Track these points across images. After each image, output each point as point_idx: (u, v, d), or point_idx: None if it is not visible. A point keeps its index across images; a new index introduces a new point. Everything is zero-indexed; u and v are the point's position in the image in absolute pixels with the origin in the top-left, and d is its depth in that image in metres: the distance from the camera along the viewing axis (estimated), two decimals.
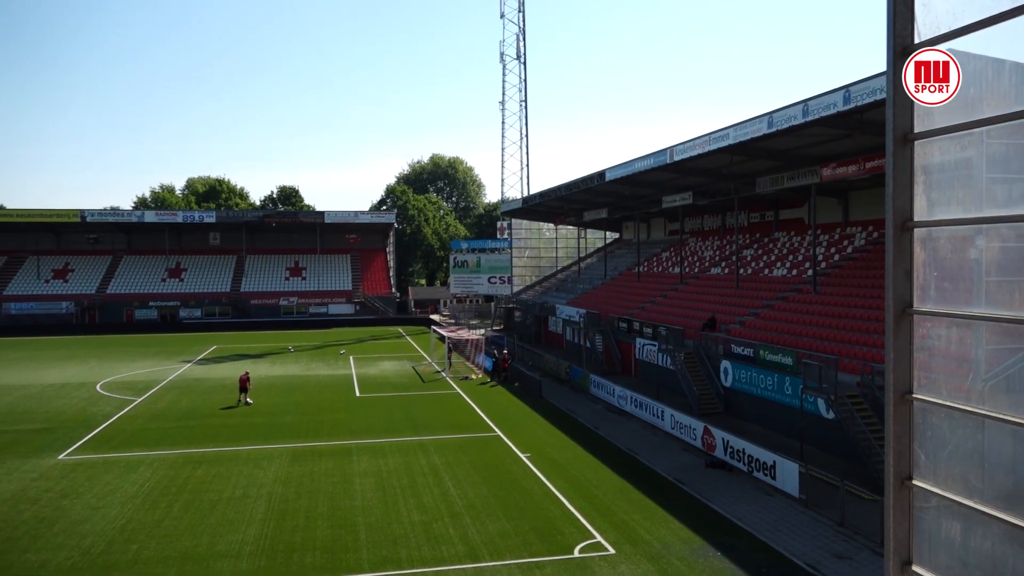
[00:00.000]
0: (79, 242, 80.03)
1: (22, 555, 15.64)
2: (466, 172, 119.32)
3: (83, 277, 76.16)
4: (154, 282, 76.60)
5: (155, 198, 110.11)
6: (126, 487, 20.32)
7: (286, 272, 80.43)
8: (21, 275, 75.31)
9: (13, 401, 33.26)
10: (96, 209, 78.51)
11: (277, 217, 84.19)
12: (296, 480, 20.88)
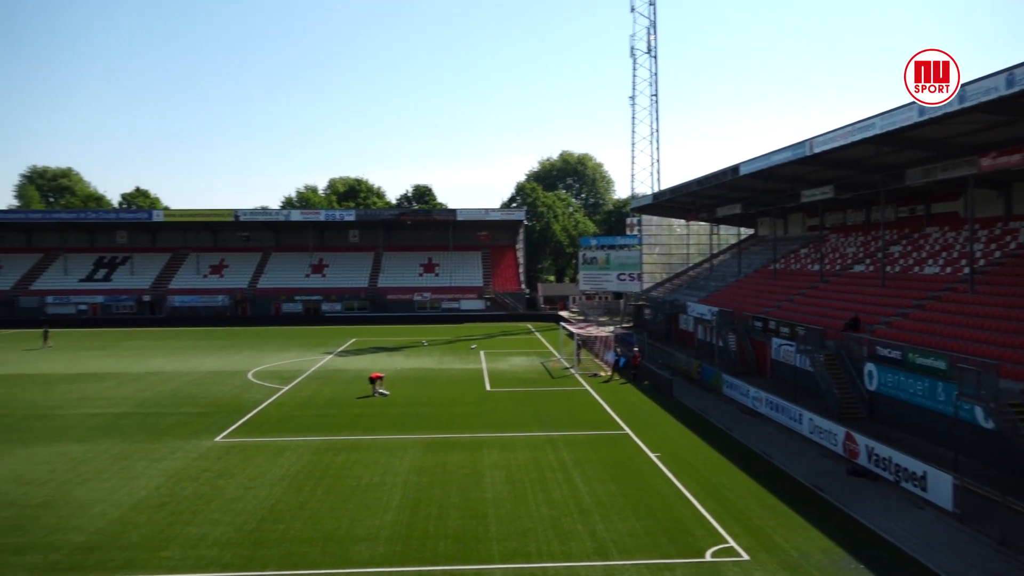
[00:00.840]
0: (233, 240, 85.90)
1: (184, 528, 16.99)
2: (595, 168, 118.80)
3: (237, 272, 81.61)
4: (299, 277, 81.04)
5: (300, 198, 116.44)
6: (274, 470, 21.63)
7: (420, 268, 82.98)
8: (183, 271, 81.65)
9: (177, 387, 36.15)
10: (248, 209, 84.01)
11: (412, 215, 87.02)
12: (429, 470, 21.54)
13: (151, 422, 28.21)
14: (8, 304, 75.39)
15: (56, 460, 22.86)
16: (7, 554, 15.59)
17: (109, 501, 18.92)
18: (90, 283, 78.99)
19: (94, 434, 26.30)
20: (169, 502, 18.82)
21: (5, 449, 24.23)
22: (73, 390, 35.33)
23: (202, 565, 14.92)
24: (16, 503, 18.86)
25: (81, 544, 16.10)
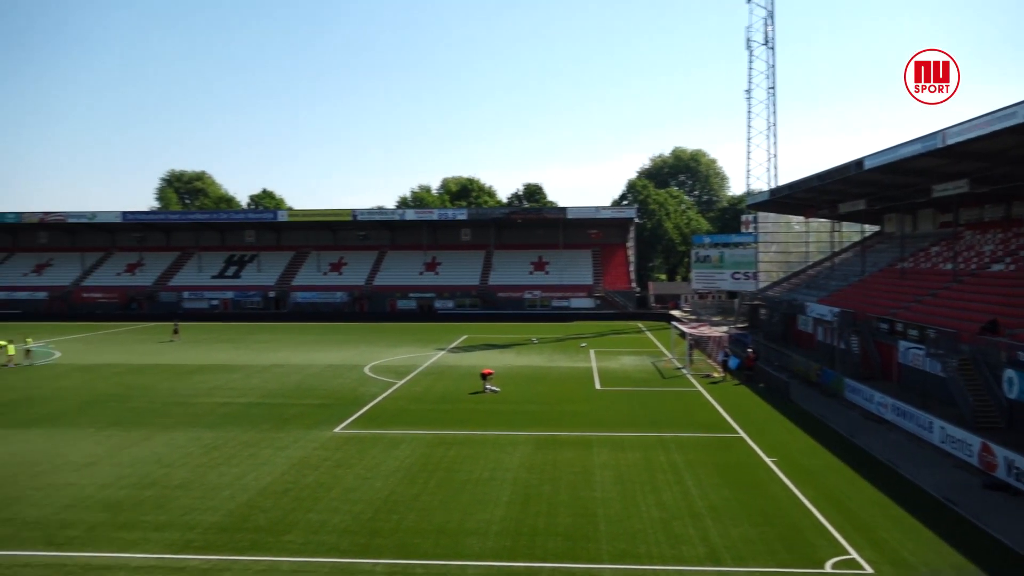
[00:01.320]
0: (351, 239, 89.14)
1: (306, 514, 17.82)
2: (709, 165, 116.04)
3: (355, 270, 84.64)
4: (413, 275, 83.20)
5: (415, 198, 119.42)
6: (389, 462, 22.34)
7: (530, 266, 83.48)
8: (305, 268, 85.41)
9: (300, 379, 37.90)
10: (365, 209, 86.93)
11: (523, 214, 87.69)
12: (539, 467, 21.68)
13: (276, 412, 29.70)
14: (150, 299, 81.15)
15: (192, 445, 24.45)
16: (150, 530, 16.81)
17: (238, 485, 20.08)
18: (221, 279, 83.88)
19: (225, 422, 27.95)
20: (292, 489, 19.77)
21: (149, 433, 26.12)
22: (206, 380, 37.64)
23: (322, 550, 15.60)
24: (158, 483, 20.31)
25: (214, 524, 17.16)
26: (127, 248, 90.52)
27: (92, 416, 29.06)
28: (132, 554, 15.51)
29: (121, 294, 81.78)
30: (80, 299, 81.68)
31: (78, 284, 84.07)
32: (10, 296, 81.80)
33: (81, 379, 38.23)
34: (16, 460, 22.70)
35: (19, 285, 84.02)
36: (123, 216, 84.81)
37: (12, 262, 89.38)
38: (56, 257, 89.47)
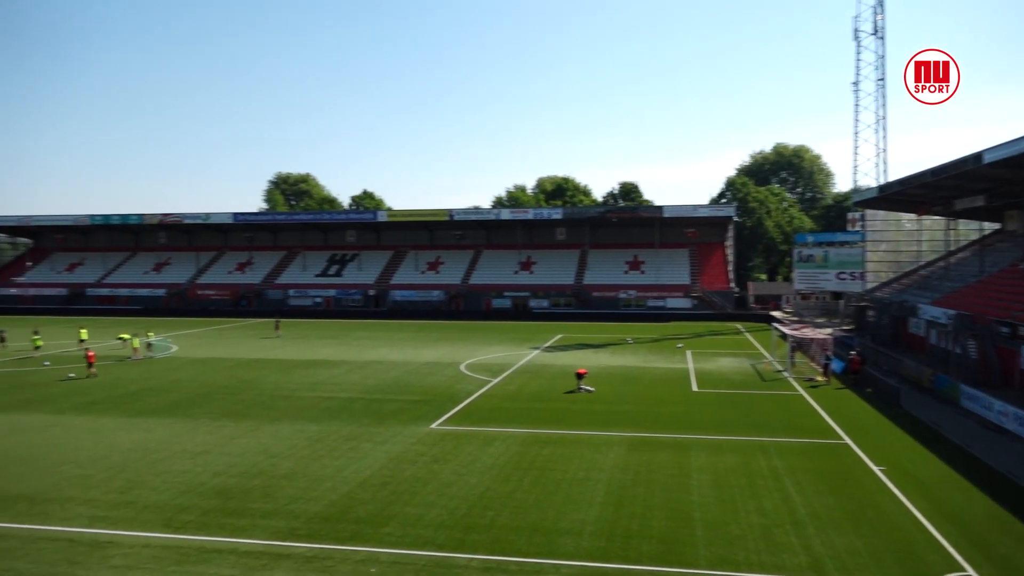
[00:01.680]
0: (448, 238, 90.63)
1: (404, 507, 18.23)
2: (812, 161, 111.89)
3: (451, 269, 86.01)
4: (508, 274, 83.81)
5: (510, 197, 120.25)
6: (484, 458, 22.58)
7: (625, 266, 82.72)
8: (403, 267, 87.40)
9: (399, 375, 38.82)
10: (461, 208, 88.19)
11: (618, 212, 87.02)
12: (633, 468, 21.45)
13: (375, 407, 30.52)
14: (258, 296, 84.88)
15: (296, 437, 25.42)
16: (257, 517, 17.59)
17: (339, 477, 20.74)
18: (324, 278, 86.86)
19: (327, 415, 28.93)
20: (390, 482, 20.27)
21: (256, 425, 27.33)
22: (310, 375, 39.06)
23: (419, 543, 15.93)
24: (264, 473, 21.23)
25: (316, 514, 17.79)
26: (238, 248, 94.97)
27: (205, 407, 30.64)
28: (241, 539, 16.26)
29: (232, 291, 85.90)
30: (195, 296, 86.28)
31: (193, 282, 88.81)
32: (133, 293, 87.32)
33: (195, 372, 40.37)
34: (138, 447, 24.18)
35: (140, 283, 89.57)
36: (234, 217, 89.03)
37: (134, 261, 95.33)
38: (174, 256, 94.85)
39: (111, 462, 22.38)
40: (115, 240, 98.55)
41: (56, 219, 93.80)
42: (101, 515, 17.82)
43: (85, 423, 27.80)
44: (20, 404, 31.45)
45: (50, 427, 27.15)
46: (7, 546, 15.98)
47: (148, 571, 14.70)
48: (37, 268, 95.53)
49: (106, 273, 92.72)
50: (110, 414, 29.38)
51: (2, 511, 18.16)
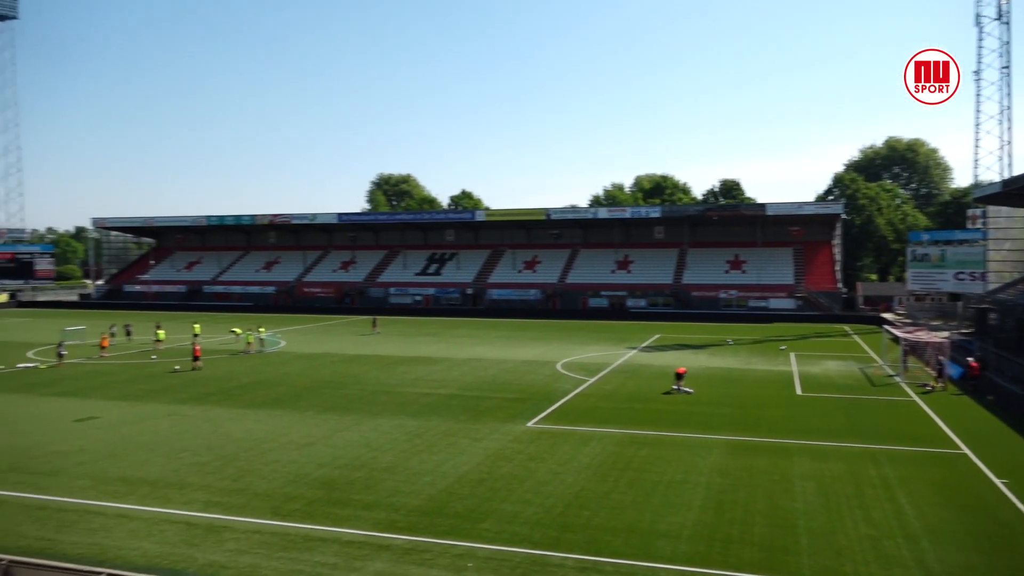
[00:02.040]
0: (545, 237, 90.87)
1: (500, 504, 18.41)
2: (928, 155, 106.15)
3: (548, 268, 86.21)
4: (605, 273, 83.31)
5: (607, 196, 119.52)
6: (580, 458, 22.53)
7: (726, 265, 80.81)
8: (500, 266, 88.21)
9: (496, 373, 39.23)
10: (558, 208, 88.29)
11: (718, 211, 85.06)
12: (733, 472, 20.93)
13: (473, 404, 30.94)
14: (360, 294, 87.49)
15: (396, 431, 26.08)
16: (359, 508, 18.15)
17: (438, 472, 21.14)
18: (424, 276, 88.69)
19: (426, 411, 29.53)
20: (487, 479, 20.51)
21: (359, 419, 28.20)
22: (410, 371, 39.97)
23: (515, 540, 16.04)
24: (366, 465, 21.87)
25: (416, 508, 18.20)
26: (342, 247, 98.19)
27: (311, 400, 31.84)
28: (344, 529, 16.82)
29: (336, 289, 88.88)
30: (302, 293, 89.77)
31: (300, 279, 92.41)
32: (245, 290, 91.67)
33: (302, 366, 42.00)
34: (250, 437, 25.37)
35: (252, 280, 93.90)
36: (339, 217, 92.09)
37: (247, 260, 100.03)
38: (283, 255, 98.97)
39: (225, 451, 23.58)
40: (229, 240, 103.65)
41: (176, 220, 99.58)
42: (215, 501, 18.81)
43: (201, 413, 29.40)
44: (144, 394, 33.54)
45: (170, 416, 28.85)
46: (134, 527, 17.09)
47: (257, 556, 15.40)
48: (159, 266, 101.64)
49: (221, 271, 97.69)
50: (224, 405, 30.96)
51: (129, 493, 19.44)
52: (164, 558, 15.22)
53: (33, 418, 28.63)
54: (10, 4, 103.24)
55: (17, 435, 25.81)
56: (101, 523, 17.30)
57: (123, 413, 29.43)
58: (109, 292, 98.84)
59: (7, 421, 28.16)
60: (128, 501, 18.81)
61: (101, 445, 24.38)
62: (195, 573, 14.28)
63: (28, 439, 25.20)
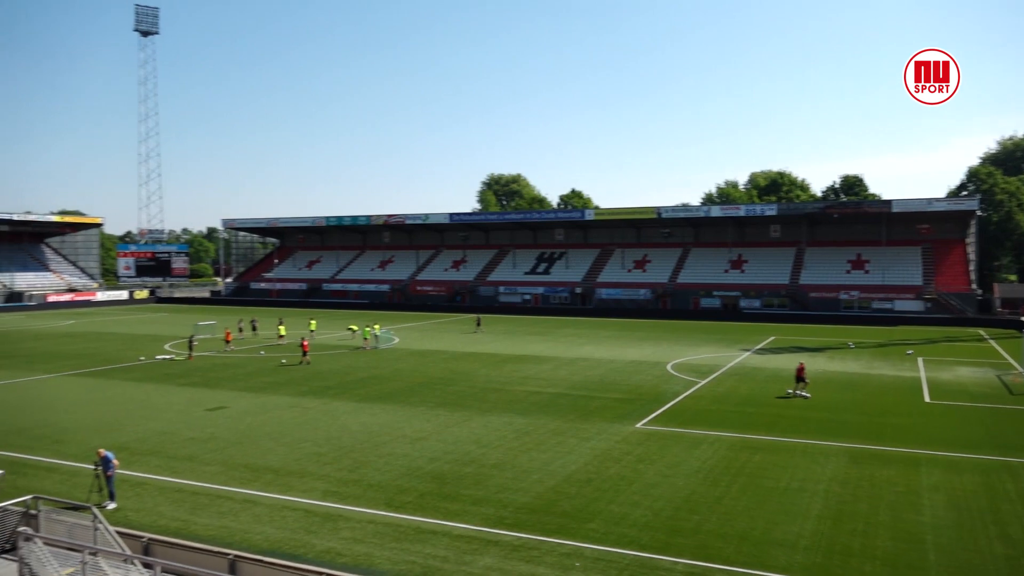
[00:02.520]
0: (655, 236, 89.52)
1: (608, 505, 18.31)
2: None
3: (658, 267, 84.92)
4: (717, 273, 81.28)
5: (720, 193, 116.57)
6: (690, 461, 22.10)
7: (847, 265, 77.24)
8: (609, 265, 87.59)
9: (604, 373, 39.01)
10: (669, 206, 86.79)
11: (839, 208, 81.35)
12: (854, 482, 19.99)
13: (580, 404, 30.89)
14: (471, 292, 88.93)
15: (505, 429, 26.37)
16: (469, 503, 18.48)
17: (545, 471, 21.24)
18: (533, 275, 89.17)
19: (534, 409, 29.71)
20: (595, 479, 20.43)
21: (469, 415, 28.70)
22: (518, 369, 40.31)
23: (623, 542, 15.92)
24: (476, 461, 22.24)
25: (523, 505, 18.36)
26: (453, 246, 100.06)
27: (423, 396, 32.64)
28: (454, 523, 17.17)
29: (447, 287, 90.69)
30: (415, 291, 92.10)
31: (413, 278, 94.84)
32: (361, 288, 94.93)
33: (415, 363, 43.11)
34: (365, 430, 26.29)
35: (367, 279, 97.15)
36: (450, 217, 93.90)
37: (363, 259, 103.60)
38: (396, 254, 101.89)
39: (342, 442, 24.53)
40: (347, 239, 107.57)
41: (298, 221, 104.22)
42: (333, 490, 19.60)
43: (320, 405, 30.69)
44: (268, 386, 35.32)
45: (292, 407, 30.27)
46: (258, 512, 18.05)
47: (371, 545, 15.95)
48: (282, 265, 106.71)
49: (339, 269, 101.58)
50: (341, 398, 32.20)
51: (254, 479, 20.54)
52: (285, 543, 16.00)
53: (170, 406, 30.71)
54: (152, 21, 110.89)
55: (157, 421, 27.76)
56: (229, 507, 18.37)
57: (249, 404, 31.12)
58: (237, 289, 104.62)
59: (149, 408, 30.33)
60: (253, 487, 19.88)
61: (229, 433, 25.88)
62: (313, 559, 14.92)
63: (166, 425, 27.07)
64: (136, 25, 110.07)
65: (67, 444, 24.47)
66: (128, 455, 22.34)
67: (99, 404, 31.39)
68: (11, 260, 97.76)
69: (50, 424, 27.42)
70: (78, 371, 40.40)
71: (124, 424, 27.40)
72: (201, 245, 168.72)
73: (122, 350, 49.00)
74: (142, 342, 53.49)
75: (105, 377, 38.52)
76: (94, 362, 43.69)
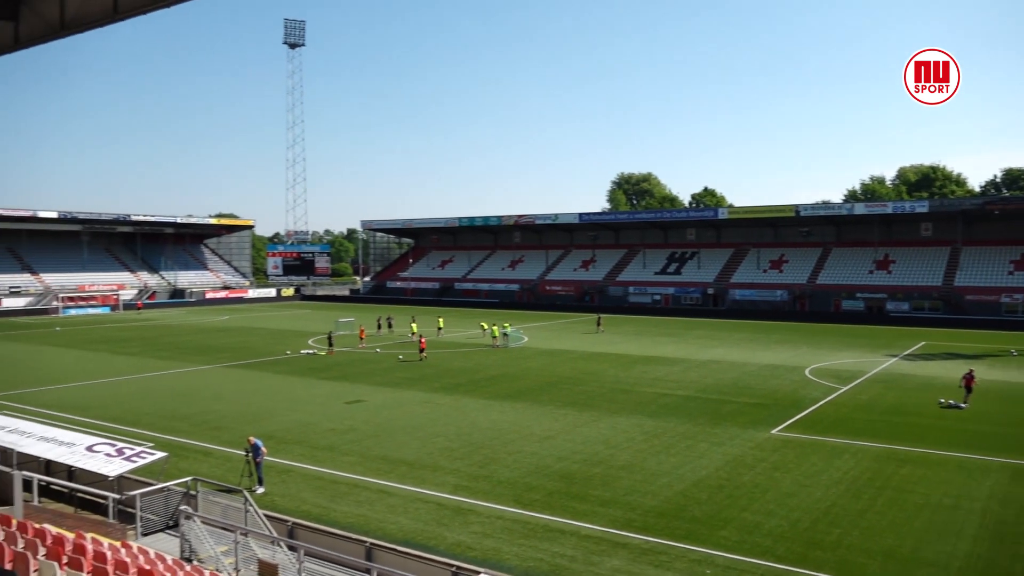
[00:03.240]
0: (793, 235, 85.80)
1: (741, 512, 17.75)
2: None
3: (796, 268, 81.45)
4: (861, 273, 77.01)
5: (864, 190, 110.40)
6: (830, 471, 21.06)
7: (1010, 266, 71.19)
8: (744, 266, 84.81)
9: (736, 376, 37.83)
10: (808, 204, 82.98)
11: (1001, 203, 75.04)
12: (1018, 501, 18.40)
13: (712, 407, 30.09)
14: (600, 292, 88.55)
15: (634, 430, 26.09)
16: (596, 504, 18.43)
17: (674, 474, 20.85)
18: (663, 276, 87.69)
19: (664, 412, 29.22)
20: (727, 485, 19.86)
21: (597, 416, 28.60)
22: (647, 371, 39.76)
23: (756, 552, 15.39)
24: (604, 462, 22.14)
25: (652, 508, 18.10)
26: (582, 246, 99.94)
27: (552, 395, 32.81)
28: (582, 523, 17.17)
29: (576, 287, 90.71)
30: (544, 291, 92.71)
31: (542, 278, 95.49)
32: (491, 287, 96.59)
33: (544, 362, 43.41)
34: (494, 427, 26.74)
35: (498, 278, 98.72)
36: (579, 217, 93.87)
37: (493, 259, 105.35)
38: (526, 254, 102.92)
39: (472, 438, 25.06)
40: (478, 239, 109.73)
41: (432, 222, 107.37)
42: (463, 485, 20.07)
43: (452, 402, 31.48)
44: (402, 381, 36.59)
45: (425, 403, 31.23)
46: (393, 502, 18.76)
47: (500, 540, 16.21)
48: (417, 264, 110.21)
49: (470, 269, 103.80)
50: (472, 395, 32.89)
51: (390, 471, 21.36)
52: (418, 534, 16.54)
53: (312, 399, 32.42)
54: (299, 34, 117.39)
55: (301, 412, 29.39)
56: (366, 496, 19.20)
57: (385, 398, 32.37)
58: (375, 288, 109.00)
59: (293, 400, 32.16)
60: (388, 479, 20.67)
61: (366, 426, 27.03)
62: (444, 551, 15.33)
63: (310, 416, 28.61)
64: (285, 38, 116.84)
65: (222, 431, 26.33)
66: (275, 443, 23.76)
67: (249, 395, 33.57)
68: (175, 260, 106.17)
69: (208, 412, 29.60)
70: (231, 363, 43.37)
71: (271, 414, 29.19)
72: (342, 245, 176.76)
73: (270, 344, 52.17)
74: (288, 337, 56.72)
75: (255, 369, 41.16)
76: (245, 355, 46.78)
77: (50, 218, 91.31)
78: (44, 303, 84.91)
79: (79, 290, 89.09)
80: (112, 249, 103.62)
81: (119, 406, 30.73)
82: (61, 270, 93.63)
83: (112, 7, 13.44)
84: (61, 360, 45.35)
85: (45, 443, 18.66)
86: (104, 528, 14.79)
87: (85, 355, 47.73)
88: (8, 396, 32.42)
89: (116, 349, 50.39)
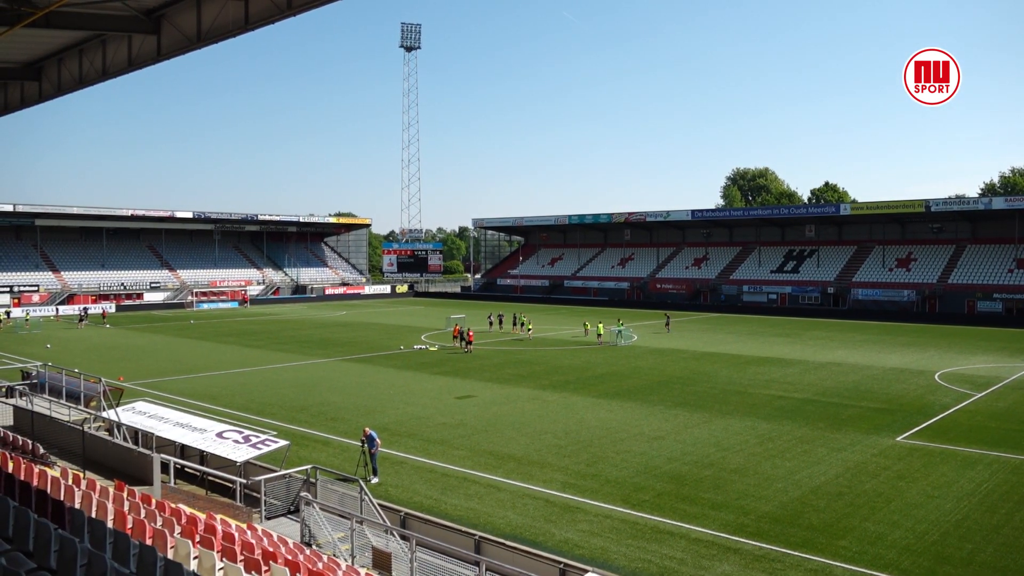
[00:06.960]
0: (922, 232, 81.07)
1: (862, 522, 16.95)
2: None
3: (924, 266, 76.95)
4: (1000, 273, 71.91)
5: (1004, 183, 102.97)
6: (962, 482, 19.81)
7: None
8: (868, 264, 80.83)
9: (858, 380, 36.11)
10: (940, 198, 78.02)
11: None
12: None
13: (831, 411, 28.85)
14: (713, 291, 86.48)
15: (747, 433, 25.37)
16: (707, 507, 18.04)
17: (790, 480, 20.13)
18: (779, 274, 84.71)
19: (779, 415, 28.26)
20: (847, 493, 19.02)
21: (708, 417, 27.98)
22: (763, 372, 38.53)
23: (880, 564, 14.68)
24: (715, 465, 21.64)
25: (766, 514, 17.56)
26: (694, 243, 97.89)
27: (662, 395, 32.34)
28: (691, 526, 16.86)
29: (688, 286, 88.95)
30: (654, 289, 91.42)
31: (653, 276, 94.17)
32: (601, 285, 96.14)
33: (654, 361, 42.82)
34: (603, 426, 26.62)
35: (608, 276, 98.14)
36: (691, 214, 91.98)
37: (603, 256, 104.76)
38: (636, 252, 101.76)
39: (580, 436, 25.05)
40: (587, 237, 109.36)
41: (541, 220, 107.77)
42: (571, 482, 20.09)
43: (560, 399, 31.56)
44: (512, 378, 36.97)
45: (533, 400, 31.44)
46: (501, 497, 19.02)
47: (608, 540, 16.15)
48: (526, 262, 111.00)
49: (580, 267, 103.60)
50: (580, 393, 32.86)
51: (498, 466, 21.66)
52: (526, 529, 16.70)
53: (425, 392, 33.27)
54: (415, 37, 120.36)
55: (413, 406, 30.22)
56: (475, 490, 19.54)
57: (494, 394, 32.81)
58: (485, 285, 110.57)
59: (407, 393, 33.10)
60: (497, 473, 20.96)
61: (476, 421, 27.49)
62: (552, 548, 15.41)
63: (422, 410, 29.38)
64: (401, 42, 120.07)
65: (339, 422, 27.43)
66: (389, 435, 24.54)
67: (365, 387, 34.79)
68: (298, 257, 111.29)
69: (326, 403, 30.90)
70: (349, 357, 45.08)
71: (386, 407, 30.15)
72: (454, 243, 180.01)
73: (384, 339, 53.87)
74: (401, 332, 58.38)
75: (371, 363, 42.62)
76: (362, 349, 48.50)
77: (186, 218, 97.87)
78: (180, 298, 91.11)
79: (211, 285, 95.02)
80: (240, 247, 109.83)
81: (245, 395, 32.55)
82: (195, 267, 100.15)
83: (243, 18, 14.28)
84: (194, 351, 48.46)
85: (180, 429, 20.06)
86: (232, 510, 15.73)
87: (216, 347, 50.80)
88: (149, 384, 34.96)
89: (243, 342, 53.38)
